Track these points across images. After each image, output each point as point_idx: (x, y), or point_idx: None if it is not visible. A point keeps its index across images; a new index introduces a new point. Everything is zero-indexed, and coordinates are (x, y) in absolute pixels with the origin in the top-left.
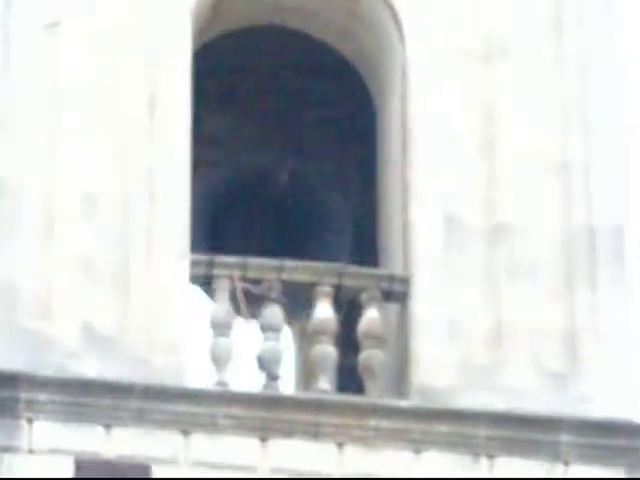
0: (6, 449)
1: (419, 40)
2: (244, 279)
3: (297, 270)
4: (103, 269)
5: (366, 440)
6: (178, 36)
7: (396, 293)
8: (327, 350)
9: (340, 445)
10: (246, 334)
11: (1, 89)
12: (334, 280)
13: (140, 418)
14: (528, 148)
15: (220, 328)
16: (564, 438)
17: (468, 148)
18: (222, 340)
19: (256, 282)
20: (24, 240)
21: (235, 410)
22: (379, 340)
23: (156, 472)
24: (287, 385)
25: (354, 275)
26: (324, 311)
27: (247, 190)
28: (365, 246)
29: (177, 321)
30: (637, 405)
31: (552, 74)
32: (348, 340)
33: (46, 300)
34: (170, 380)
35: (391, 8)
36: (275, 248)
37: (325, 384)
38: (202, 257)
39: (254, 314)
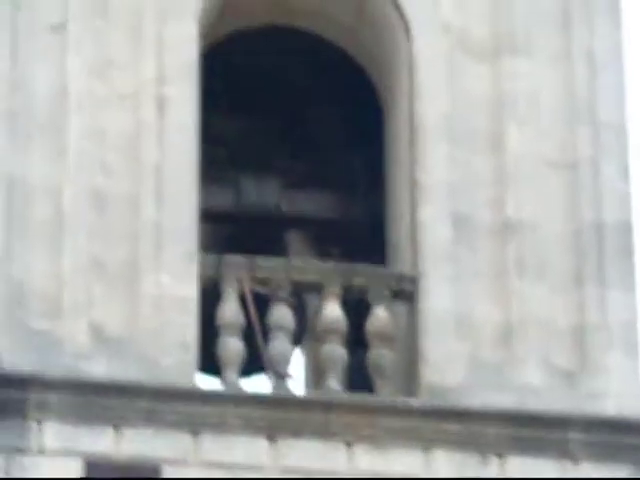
0: (17, 450)
1: (426, 37)
2: (252, 279)
3: (306, 270)
4: (112, 268)
5: (376, 439)
6: (185, 37)
7: (405, 292)
8: (336, 350)
9: (349, 444)
10: (255, 334)
11: (11, 90)
12: (342, 280)
13: (149, 418)
14: (536, 145)
15: (229, 328)
16: (573, 436)
17: (476, 145)
18: (231, 340)
19: (264, 282)
20: (34, 239)
21: (244, 410)
22: (388, 339)
23: (166, 472)
24: (296, 385)
25: (362, 274)
26: (333, 311)
27: None
28: (375, 244)
29: (186, 321)
30: None
31: (560, 71)
32: (357, 339)
33: (56, 300)
34: (179, 380)
35: (397, 5)
36: None
37: (335, 384)
38: (210, 257)
39: (263, 315)
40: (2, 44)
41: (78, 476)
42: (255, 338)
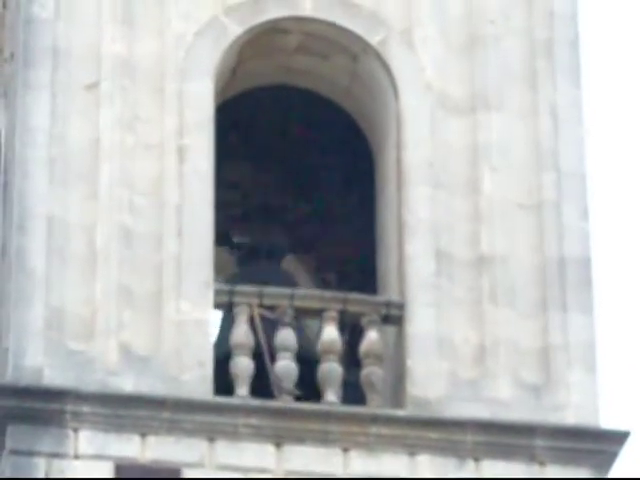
0: (55, 455)
1: (411, 95)
2: (261, 306)
3: (307, 297)
4: (139, 295)
5: (368, 445)
6: (202, 94)
7: (393, 317)
8: (333, 367)
9: (345, 450)
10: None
11: (50, 141)
12: (339, 306)
13: (171, 428)
14: (507, 188)
15: (240, 348)
16: (539, 442)
17: (455, 189)
18: (242, 359)
19: (271, 308)
20: (71, 270)
21: (254, 420)
22: (378, 358)
23: (186, 474)
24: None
25: (356, 301)
26: (331, 333)
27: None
28: (369, 274)
29: (203, 342)
30: (602, 413)
31: (528, 125)
32: (351, 358)
33: (89, 323)
34: (197, 394)
35: (387, 69)
36: None
37: (332, 397)
38: (224, 286)
39: (269, 336)
40: (43, 101)
41: (110, 477)
42: (263, 357)
